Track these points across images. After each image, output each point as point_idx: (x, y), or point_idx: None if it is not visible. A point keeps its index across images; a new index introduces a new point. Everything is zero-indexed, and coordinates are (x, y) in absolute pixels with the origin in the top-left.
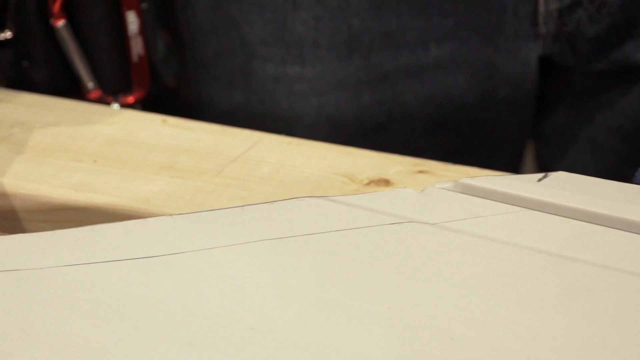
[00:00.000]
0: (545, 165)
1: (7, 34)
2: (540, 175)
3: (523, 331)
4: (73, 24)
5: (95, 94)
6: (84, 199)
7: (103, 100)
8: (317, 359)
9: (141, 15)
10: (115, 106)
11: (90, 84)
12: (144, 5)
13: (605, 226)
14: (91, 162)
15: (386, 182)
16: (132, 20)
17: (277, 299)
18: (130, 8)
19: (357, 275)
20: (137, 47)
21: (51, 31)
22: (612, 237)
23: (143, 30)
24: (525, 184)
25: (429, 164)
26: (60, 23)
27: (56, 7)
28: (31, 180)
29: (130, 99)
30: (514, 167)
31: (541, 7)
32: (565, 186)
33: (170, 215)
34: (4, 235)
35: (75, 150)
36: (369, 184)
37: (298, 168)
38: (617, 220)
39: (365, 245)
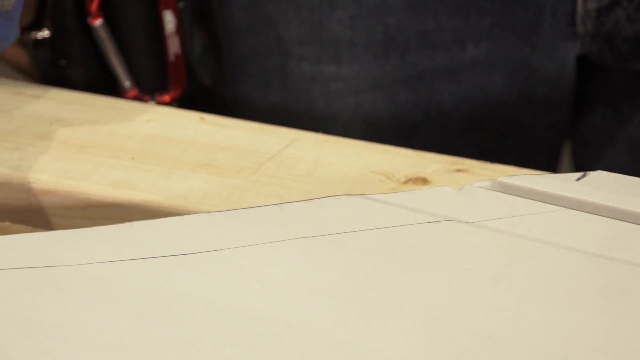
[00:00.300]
0: (582, 166)
1: (45, 33)
2: (579, 174)
3: (560, 332)
4: (110, 23)
5: (132, 93)
6: (122, 196)
7: (139, 100)
8: (353, 358)
9: (178, 14)
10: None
11: (127, 83)
12: (181, 5)
13: None
14: (129, 159)
15: (424, 181)
16: (169, 20)
17: (314, 297)
18: (167, 7)
19: (394, 274)
20: (173, 46)
21: (88, 30)
22: None
23: (180, 29)
24: (563, 183)
25: (466, 163)
26: (98, 22)
27: (94, 6)
28: (70, 177)
29: (167, 98)
30: (550, 167)
31: (579, 6)
32: (604, 185)
33: (208, 212)
34: (42, 231)
35: (114, 148)
36: (406, 182)
37: (335, 166)
38: None
39: (402, 243)
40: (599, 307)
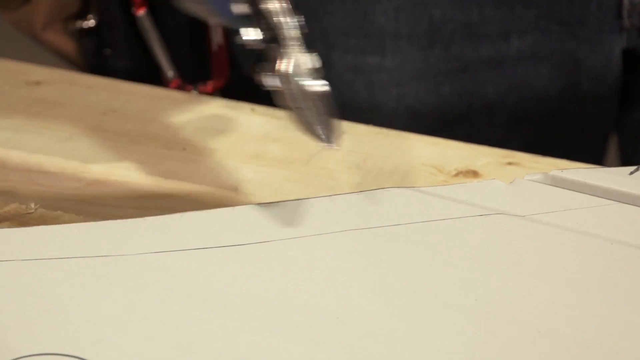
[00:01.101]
0: (628, 160)
1: (90, 23)
2: (632, 168)
3: (613, 326)
4: (154, 13)
5: (175, 83)
6: (173, 187)
7: (182, 89)
8: (403, 350)
9: None
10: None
11: (170, 73)
12: None
13: None
14: (180, 149)
15: (474, 174)
16: None
17: (364, 289)
18: None
19: (444, 267)
20: (217, 37)
21: (133, 20)
22: None
23: None
24: (616, 177)
25: (517, 156)
26: (142, 12)
27: None
28: (121, 167)
29: (209, 88)
30: (595, 161)
31: (626, 0)
32: None
33: (258, 204)
34: (94, 221)
35: (166, 138)
36: (456, 175)
37: (385, 158)
38: None
39: (453, 236)
40: None
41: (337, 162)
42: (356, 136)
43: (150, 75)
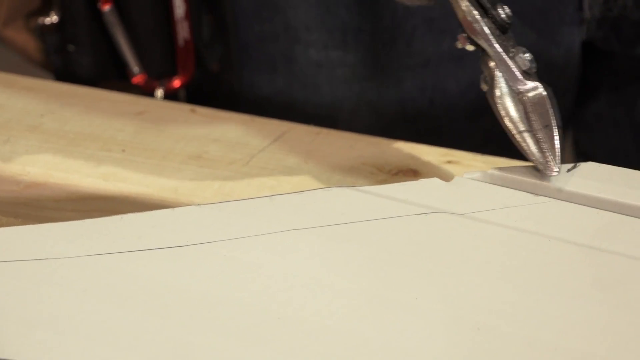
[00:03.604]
0: (584, 152)
1: (53, 18)
2: (570, 165)
3: (552, 322)
4: (119, 8)
5: (140, 78)
6: (113, 189)
7: (148, 85)
8: (343, 349)
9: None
10: (160, 91)
11: (135, 69)
12: None
13: (635, 217)
14: (120, 151)
15: (414, 173)
16: (179, 5)
17: (304, 288)
18: None
19: (385, 265)
20: (183, 32)
21: (98, 15)
22: None
23: (189, 14)
24: None
25: (457, 154)
26: (108, 7)
27: None
28: (60, 169)
29: (176, 83)
30: None
31: None
32: (595, 177)
33: (199, 204)
34: (33, 224)
35: (105, 140)
36: (397, 174)
37: (326, 158)
38: None
39: (393, 235)
40: (590, 297)
41: (277, 162)
42: (297, 136)
43: (115, 70)
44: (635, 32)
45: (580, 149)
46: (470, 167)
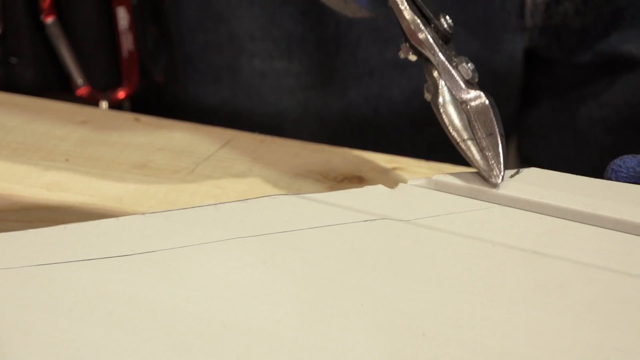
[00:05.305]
0: (528, 158)
1: None
2: (513, 171)
3: (496, 327)
4: (63, 20)
5: (85, 90)
6: (57, 198)
7: (92, 96)
8: (289, 355)
9: (131, 10)
10: (104, 103)
11: (79, 81)
12: (134, 1)
13: (577, 222)
14: (63, 161)
15: (359, 179)
16: (123, 16)
17: (251, 296)
18: (120, 4)
19: (330, 273)
20: (127, 43)
21: (40, 27)
22: (584, 232)
23: (133, 26)
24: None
25: (402, 161)
26: (50, 19)
27: (46, 3)
28: (3, 179)
29: (120, 94)
30: None
31: (528, 0)
32: (538, 182)
33: (143, 213)
34: None
35: (48, 149)
36: (342, 181)
37: (271, 166)
38: (588, 216)
39: (338, 242)
40: (534, 302)
41: (222, 170)
42: (242, 144)
43: (59, 83)
44: (576, 40)
45: (524, 155)
46: (416, 173)
